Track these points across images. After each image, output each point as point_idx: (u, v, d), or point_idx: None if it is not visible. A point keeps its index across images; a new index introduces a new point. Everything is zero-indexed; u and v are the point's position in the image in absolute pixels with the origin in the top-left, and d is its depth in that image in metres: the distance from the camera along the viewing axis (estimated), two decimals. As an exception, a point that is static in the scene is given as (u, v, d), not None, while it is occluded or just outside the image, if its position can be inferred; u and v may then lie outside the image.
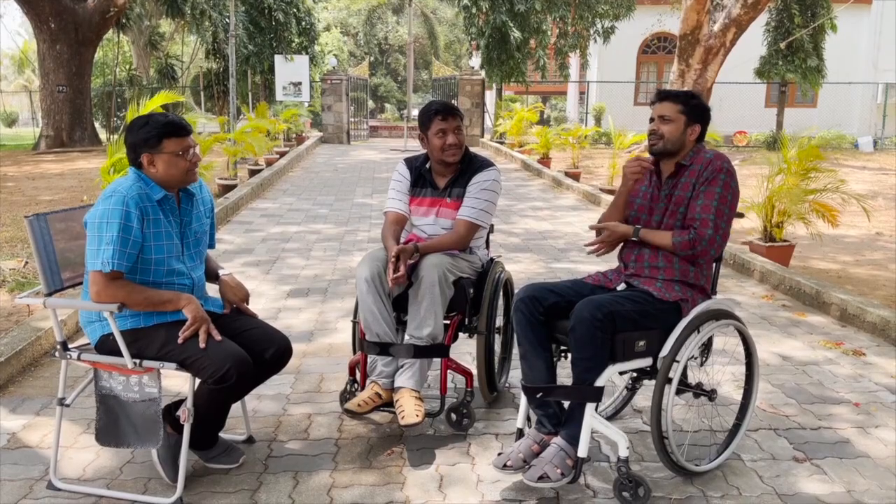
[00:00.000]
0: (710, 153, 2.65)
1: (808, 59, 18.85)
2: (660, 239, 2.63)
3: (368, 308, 2.88)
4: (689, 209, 2.61)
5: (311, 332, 4.36)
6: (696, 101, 2.68)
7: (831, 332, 4.42)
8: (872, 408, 3.29)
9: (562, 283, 2.71)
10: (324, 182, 12.01)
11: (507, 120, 17.33)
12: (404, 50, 36.75)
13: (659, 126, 2.68)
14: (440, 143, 3.11)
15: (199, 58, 25.00)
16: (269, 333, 2.63)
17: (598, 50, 22.36)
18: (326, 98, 20.68)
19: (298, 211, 9.00)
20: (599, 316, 2.37)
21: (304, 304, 4.98)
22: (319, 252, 6.64)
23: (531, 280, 5.67)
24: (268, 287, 5.40)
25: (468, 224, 3.09)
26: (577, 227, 8.00)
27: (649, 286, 2.59)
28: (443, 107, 3.14)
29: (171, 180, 2.47)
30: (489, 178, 3.16)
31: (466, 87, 20.57)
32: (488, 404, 3.25)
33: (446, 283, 2.88)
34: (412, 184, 3.25)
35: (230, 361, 2.37)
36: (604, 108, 22.05)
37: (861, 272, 6.17)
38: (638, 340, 2.45)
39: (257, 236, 7.35)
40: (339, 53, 34.35)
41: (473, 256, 3.16)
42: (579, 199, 10.21)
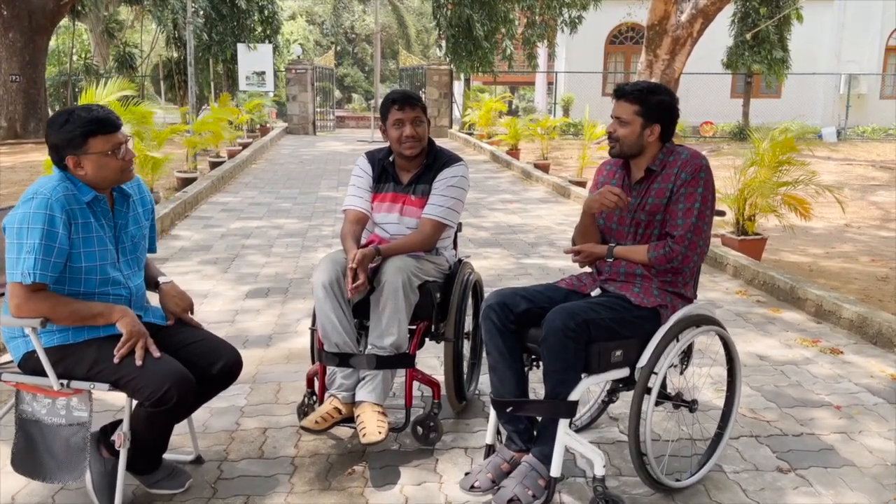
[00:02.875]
0: (686, 153, 2.47)
1: (773, 51, 18.97)
2: (635, 255, 2.45)
3: (326, 316, 2.67)
4: (669, 215, 2.42)
5: (269, 337, 4.13)
6: (657, 97, 2.45)
7: (807, 329, 4.32)
8: (854, 411, 3.18)
9: (533, 287, 2.53)
10: (288, 174, 11.69)
11: (475, 110, 17.12)
12: (371, 39, 36.27)
13: (615, 128, 2.49)
14: (397, 135, 2.90)
15: (160, 45, 24.30)
16: (215, 346, 2.40)
17: (566, 40, 22.23)
18: (291, 88, 20.25)
19: (260, 205, 8.71)
20: (573, 325, 2.19)
21: (263, 305, 4.74)
22: (281, 248, 6.38)
23: (501, 277, 5.52)
24: (225, 287, 5.14)
25: (434, 223, 2.89)
26: (548, 221, 7.85)
27: (626, 291, 2.41)
28: (400, 96, 2.93)
29: (102, 182, 2.22)
30: (456, 174, 2.97)
31: (434, 78, 20.30)
32: (457, 414, 3.07)
33: (411, 288, 2.68)
34: (374, 179, 3.04)
35: (170, 380, 2.14)
36: (572, 98, 21.96)
37: (832, 265, 6.12)
38: (614, 350, 2.28)
39: (216, 232, 7.06)
40: (305, 43, 33.79)
41: (440, 258, 2.96)
42: (549, 192, 10.07)
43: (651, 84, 2.49)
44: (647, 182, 2.48)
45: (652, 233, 2.47)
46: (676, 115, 2.50)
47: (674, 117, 2.49)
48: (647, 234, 2.48)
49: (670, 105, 2.48)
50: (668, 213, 2.42)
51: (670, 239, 2.39)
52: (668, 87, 2.51)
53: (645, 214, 2.46)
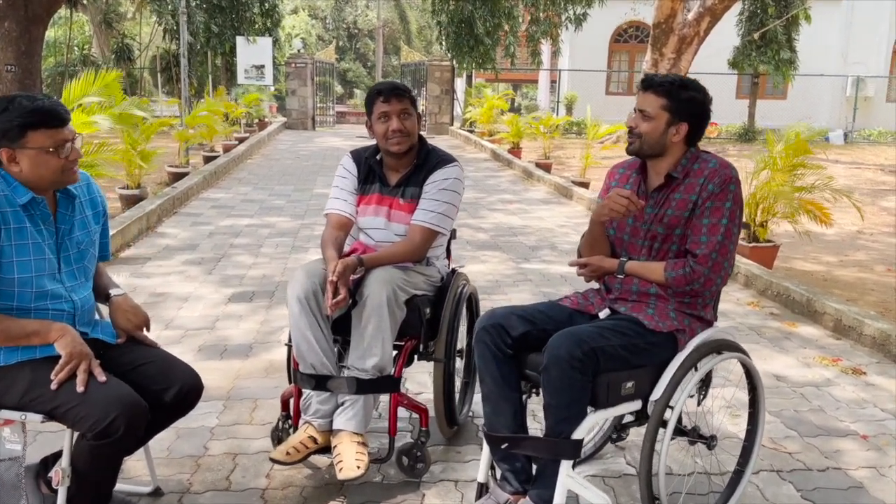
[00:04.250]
0: (714, 161, 2.18)
1: (781, 51, 18.66)
2: (650, 274, 2.17)
3: (302, 334, 2.39)
4: (692, 230, 2.13)
5: (249, 346, 3.85)
6: (688, 93, 2.16)
7: (826, 347, 4.04)
8: (883, 441, 2.90)
9: (533, 307, 2.25)
10: (283, 170, 11.40)
11: (476, 107, 16.83)
12: (374, 35, 35.97)
13: (637, 122, 2.19)
14: (383, 130, 2.61)
15: (159, 37, 23.98)
16: (170, 368, 2.12)
17: (570, 38, 21.92)
18: (291, 82, 19.95)
19: (252, 202, 8.42)
20: (579, 354, 1.91)
21: (246, 310, 4.46)
22: (270, 249, 6.10)
23: (500, 283, 5.23)
24: (208, 290, 4.86)
25: (424, 231, 2.60)
26: (549, 223, 7.57)
27: (638, 313, 2.13)
28: (386, 86, 2.64)
29: (39, 182, 1.94)
30: (450, 176, 2.68)
31: (436, 74, 19.99)
32: (447, 440, 2.79)
33: (397, 304, 2.39)
34: (360, 180, 2.75)
35: (117, 408, 1.86)
36: (575, 97, 21.67)
37: (847, 274, 5.84)
38: (625, 381, 2.01)
39: (204, 230, 6.78)
40: (307, 37, 33.48)
41: (431, 269, 2.68)
42: (551, 192, 9.78)
43: (683, 78, 2.20)
44: (666, 190, 2.19)
45: (669, 248, 2.19)
46: (707, 115, 2.21)
47: (704, 118, 2.20)
48: (663, 250, 2.19)
49: (702, 104, 2.19)
50: (691, 229, 2.14)
51: (692, 258, 2.11)
52: (701, 85, 2.22)
53: (662, 227, 2.17)
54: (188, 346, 3.81)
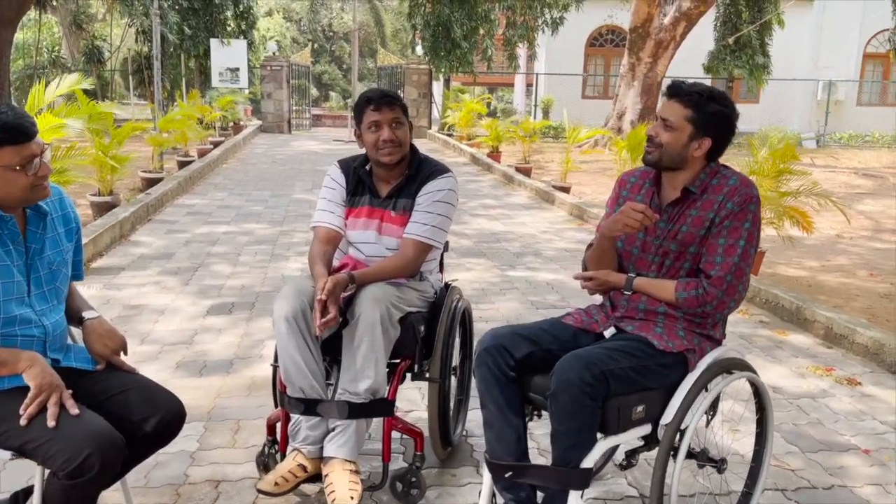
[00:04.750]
0: (734, 178, 2.08)
1: (755, 56, 18.84)
2: (660, 292, 2.08)
3: (289, 356, 2.26)
4: (707, 250, 2.04)
5: (230, 362, 3.70)
6: (716, 106, 2.04)
7: (818, 355, 3.99)
8: (885, 456, 2.84)
9: (536, 325, 2.14)
10: (260, 175, 11.21)
11: (455, 111, 16.74)
12: (349, 37, 35.73)
13: (658, 132, 2.09)
14: (374, 139, 2.49)
15: (130, 39, 23.55)
16: (151, 396, 1.97)
17: (546, 42, 21.95)
18: (266, 85, 19.70)
19: (229, 208, 8.24)
20: (589, 378, 1.81)
21: (226, 323, 4.31)
22: (249, 257, 5.94)
23: (486, 291, 5.13)
24: (185, 301, 4.69)
25: (418, 244, 2.49)
26: (532, 228, 7.49)
27: (647, 332, 2.04)
28: (376, 94, 2.52)
29: (5, 200, 1.79)
30: (443, 187, 2.56)
31: (413, 77, 19.89)
32: (441, 462, 2.67)
33: (390, 322, 2.27)
34: (349, 191, 2.63)
35: (91, 444, 1.71)
36: (552, 100, 21.70)
37: (831, 280, 5.83)
38: (636, 405, 1.91)
39: (180, 238, 6.59)
40: (282, 39, 33.14)
41: (424, 284, 2.56)
42: (532, 197, 9.71)
43: (713, 89, 2.08)
44: (682, 206, 2.10)
45: (681, 266, 2.09)
46: (733, 131, 2.10)
47: (729, 134, 2.09)
48: (674, 267, 2.10)
49: (729, 119, 2.07)
50: (706, 248, 2.04)
51: (705, 279, 2.02)
52: (730, 98, 2.11)
53: (675, 244, 2.08)
54: (165, 363, 3.65)
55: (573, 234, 7.25)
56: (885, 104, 23.07)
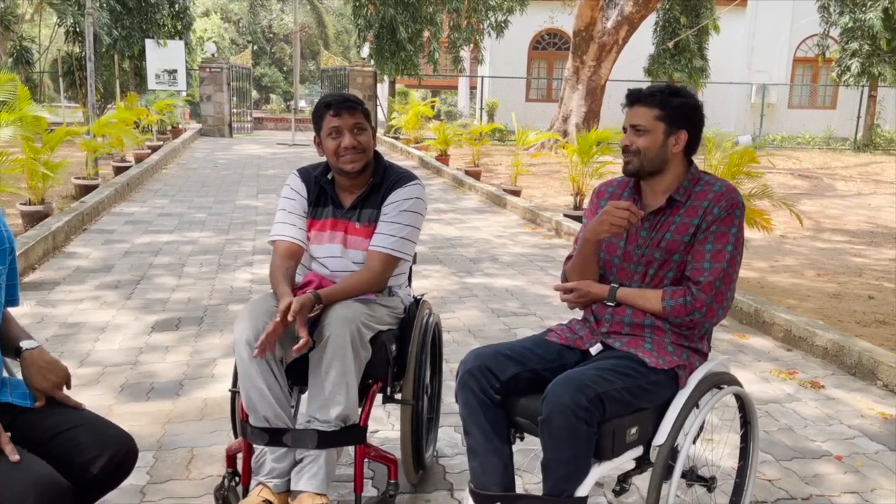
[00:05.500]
0: (719, 184, 2.03)
1: (693, 59, 19.32)
2: (645, 302, 2.00)
3: (252, 383, 2.08)
4: (693, 257, 1.97)
5: (179, 383, 3.47)
6: (680, 99, 2.03)
7: (780, 359, 4.01)
8: (858, 462, 2.83)
9: (520, 344, 2.03)
10: (202, 180, 10.82)
11: (401, 114, 16.59)
12: (290, 39, 35.16)
13: (633, 139, 2.03)
14: (334, 146, 2.34)
15: (60, 40, 22.54)
16: (99, 433, 1.77)
17: (490, 45, 22.02)
18: (205, 87, 19.12)
19: (171, 216, 7.89)
20: (584, 402, 1.70)
21: (173, 340, 4.06)
22: (195, 268, 5.66)
23: (445, 300, 5.00)
24: (127, 317, 4.42)
25: (384, 258, 2.34)
26: (486, 233, 7.41)
27: (636, 349, 1.95)
28: (336, 99, 2.37)
29: None
30: (411, 195, 2.43)
31: (357, 79, 19.64)
32: (414, 487, 2.53)
33: (361, 344, 2.12)
34: (311, 202, 2.47)
35: (33, 495, 1.51)
36: (497, 103, 21.76)
37: (781, 280, 5.92)
38: (629, 428, 1.81)
39: (119, 249, 6.25)
40: (221, 41, 32.38)
41: (394, 299, 2.42)
42: (483, 201, 9.64)
43: (671, 85, 2.06)
44: (666, 213, 2.02)
45: (665, 275, 2.01)
46: (702, 121, 2.07)
47: (700, 123, 2.06)
48: (658, 276, 2.02)
49: (696, 108, 2.05)
50: (692, 255, 1.97)
51: (693, 286, 1.94)
52: (689, 90, 2.07)
53: (660, 252, 2.00)
54: (107, 387, 3.40)
55: (527, 239, 7.19)
56: (814, 107, 23.96)
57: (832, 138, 20.87)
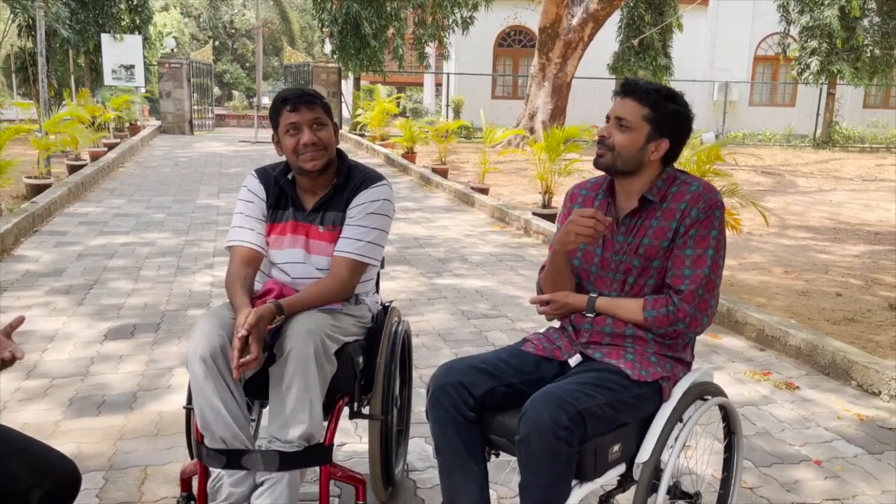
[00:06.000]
0: (696, 183, 1.92)
1: (658, 57, 19.46)
2: (626, 313, 1.89)
3: (207, 402, 1.93)
4: (673, 263, 1.87)
5: (132, 396, 3.28)
6: (674, 105, 1.90)
7: (753, 359, 3.96)
8: (837, 467, 2.78)
9: (494, 356, 1.91)
10: (161, 179, 10.51)
11: (366, 111, 16.38)
12: (253, 34, 34.59)
13: (612, 132, 1.91)
14: (293, 144, 2.19)
15: (13, 34, 21.81)
16: (37, 461, 1.61)
17: (456, 42, 21.91)
18: (165, 84, 18.66)
19: (128, 216, 7.61)
20: (565, 420, 1.59)
21: (127, 348, 3.86)
22: (152, 271, 5.44)
23: (414, 302, 4.86)
24: (79, 325, 4.20)
25: (351, 264, 2.20)
26: (454, 232, 7.29)
27: (617, 360, 1.84)
28: (293, 94, 2.21)
29: None
30: (378, 196, 2.29)
31: (321, 76, 19.36)
32: (383, 505, 2.40)
33: (326, 357, 1.98)
34: (270, 205, 2.31)
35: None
36: (463, 100, 21.66)
37: (749, 278, 5.91)
38: (612, 445, 1.71)
39: (72, 251, 5.98)
40: (181, 36, 31.69)
41: (361, 308, 2.28)
42: (451, 199, 9.52)
43: (669, 88, 1.92)
44: (641, 216, 1.92)
45: (645, 283, 1.91)
46: (689, 133, 1.95)
47: (685, 136, 1.94)
48: (638, 284, 1.91)
49: (687, 119, 1.93)
50: (672, 261, 1.87)
51: (675, 295, 1.84)
52: (684, 98, 1.95)
53: (638, 258, 1.89)
54: (56, 401, 3.19)
55: (497, 238, 7.09)
56: (774, 104, 24.35)
57: (792, 135, 21.23)
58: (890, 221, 9.04)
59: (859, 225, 8.75)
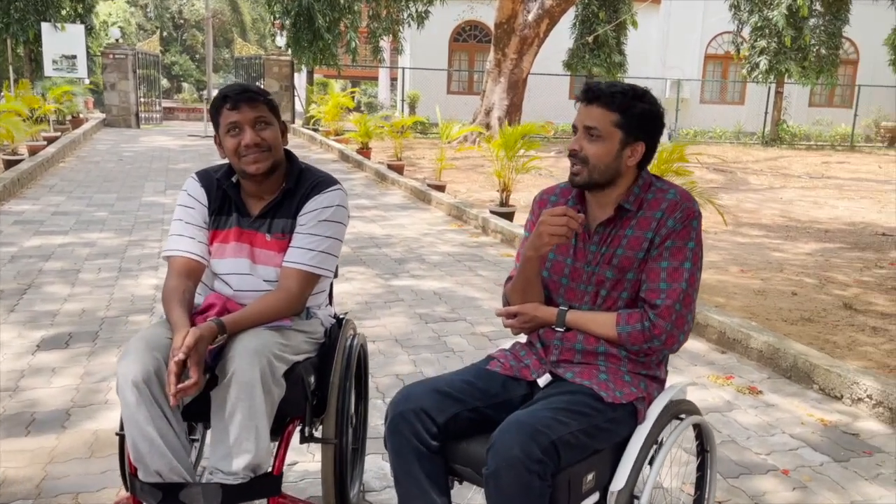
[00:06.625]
0: (672, 191, 1.81)
1: (612, 54, 19.59)
2: (598, 328, 1.77)
3: (140, 431, 1.74)
4: (648, 275, 1.75)
5: (66, 413, 3.04)
6: (643, 105, 1.78)
7: (715, 362, 3.92)
8: (804, 477, 2.72)
9: (458, 378, 1.76)
10: (104, 175, 10.08)
11: (320, 105, 16.06)
12: (202, 25, 33.74)
13: (582, 145, 1.78)
14: (234, 145, 2.01)
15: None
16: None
17: (411, 36, 21.70)
18: (109, 75, 17.98)
19: (67, 214, 7.24)
20: (537, 453, 1.46)
21: (61, 360, 3.60)
22: (91, 274, 5.14)
23: (370, 304, 4.69)
24: (9, 334, 3.92)
25: (302, 275, 2.04)
26: (412, 231, 7.13)
27: (590, 380, 1.72)
28: (234, 90, 2.03)
29: None
30: (331, 202, 2.12)
31: (274, 69, 18.94)
32: (338, 532, 2.24)
33: (273, 380, 1.81)
34: (212, 211, 2.13)
35: None
36: (418, 95, 21.48)
37: (707, 277, 5.90)
38: (586, 475, 1.58)
39: (4, 253, 5.63)
40: (126, 26, 30.71)
41: (313, 323, 2.11)
42: (408, 197, 9.35)
43: (634, 87, 1.79)
44: (615, 225, 1.80)
45: (619, 296, 1.79)
46: (662, 130, 1.84)
47: (660, 133, 1.83)
48: (611, 297, 1.80)
49: (658, 117, 1.81)
50: (647, 273, 1.75)
51: (651, 310, 1.72)
52: (651, 94, 1.84)
53: (612, 270, 1.77)
54: (-20, 420, 2.94)
55: (454, 237, 6.96)
56: (724, 102, 24.80)
57: (742, 133, 21.64)
58: (839, 219, 9.22)
59: (809, 222, 8.89)
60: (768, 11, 18.39)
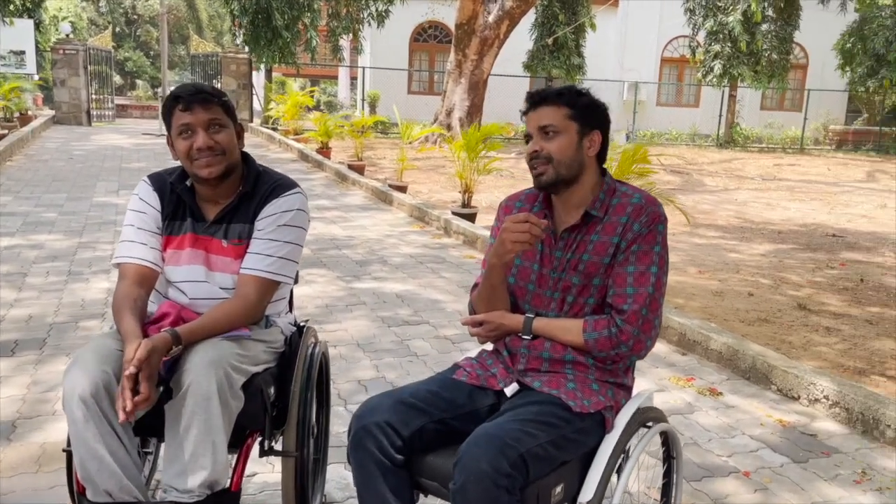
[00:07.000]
0: (637, 195, 1.80)
1: (571, 56, 19.76)
2: (565, 334, 1.75)
3: (89, 449, 1.65)
4: (615, 281, 1.74)
5: (12, 424, 2.91)
6: (587, 98, 1.82)
7: (676, 364, 3.95)
8: (765, 479, 2.75)
9: (423, 388, 1.72)
10: (54, 174, 9.75)
11: (279, 104, 15.84)
12: (157, 21, 33.03)
13: (542, 144, 1.77)
14: (186, 148, 1.93)
15: None
16: None
17: (371, 36, 21.56)
18: (59, 71, 17.44)
19: (14, 215, 6.97)
20: (506, 467, 1.42)
21: (7, 369, 3.45)
22: (39, 278, 4.95)
23: (331, 308, 4.61)
24: (-50, 342, 3.74)
25: (261, 282, 1.97)
26: (374, 232, 7.05)
27: (558, 389, 1.69)
28: (186, 91, 1.95)
29: None
30: (291, 206, 2.05)
31: (231, 67, 18.60)
32: (299, 546, 2.17)
33: (231, 392, 1.74)
34: (166, 216, 2.04)
35: None
36: (378, 95, 21.36)
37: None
38: (554, 487, 1.55)
39: (-54, 256, 5.40)
40: (77, 21, 29.88)
41: (272, 331, 2.04)
42: (369, 197, 9.26)
43: (570, 85, 1.84)
44: (580, 230, 1.78)
45: (585, 302, 1.77)
46: (609, 122, 1.85)
47: (608, 125, 1.85)
48: (578, 304, 1.77)
49: (603, 108, 1.85)
50: (613, 278, 1.74)
51: (617, 315, 1.71)
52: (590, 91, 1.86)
53: (578, 276, 1.75)
54: (-83, 434, 2.79)
55: (417, 238, 6.91)
56: (680, 105, 25.24)
57: (697, 135, 22.05)
58: (791, 220, 9.44)
59: (763, 224, 9.09)
60: (724, 17, 18.76)
